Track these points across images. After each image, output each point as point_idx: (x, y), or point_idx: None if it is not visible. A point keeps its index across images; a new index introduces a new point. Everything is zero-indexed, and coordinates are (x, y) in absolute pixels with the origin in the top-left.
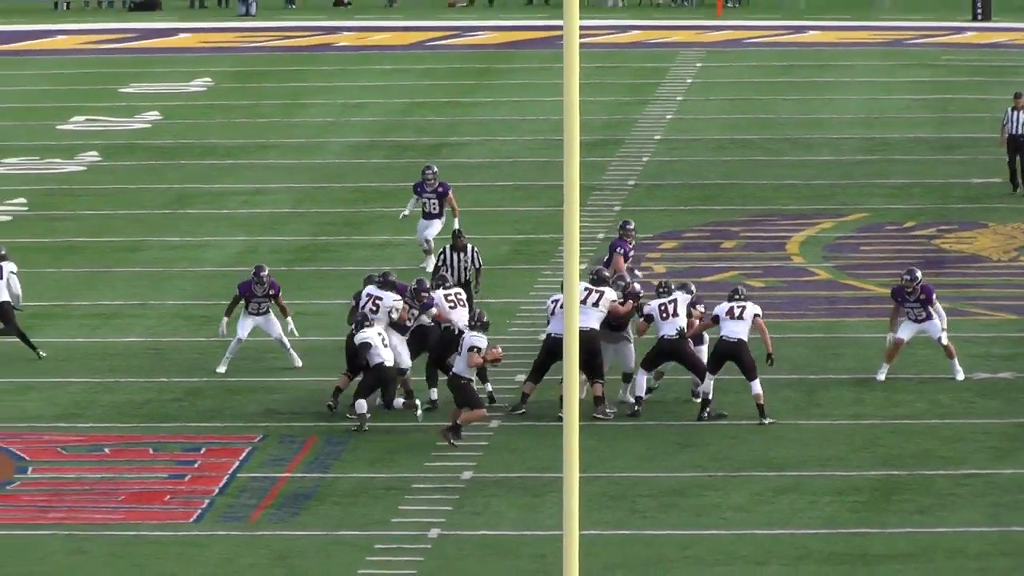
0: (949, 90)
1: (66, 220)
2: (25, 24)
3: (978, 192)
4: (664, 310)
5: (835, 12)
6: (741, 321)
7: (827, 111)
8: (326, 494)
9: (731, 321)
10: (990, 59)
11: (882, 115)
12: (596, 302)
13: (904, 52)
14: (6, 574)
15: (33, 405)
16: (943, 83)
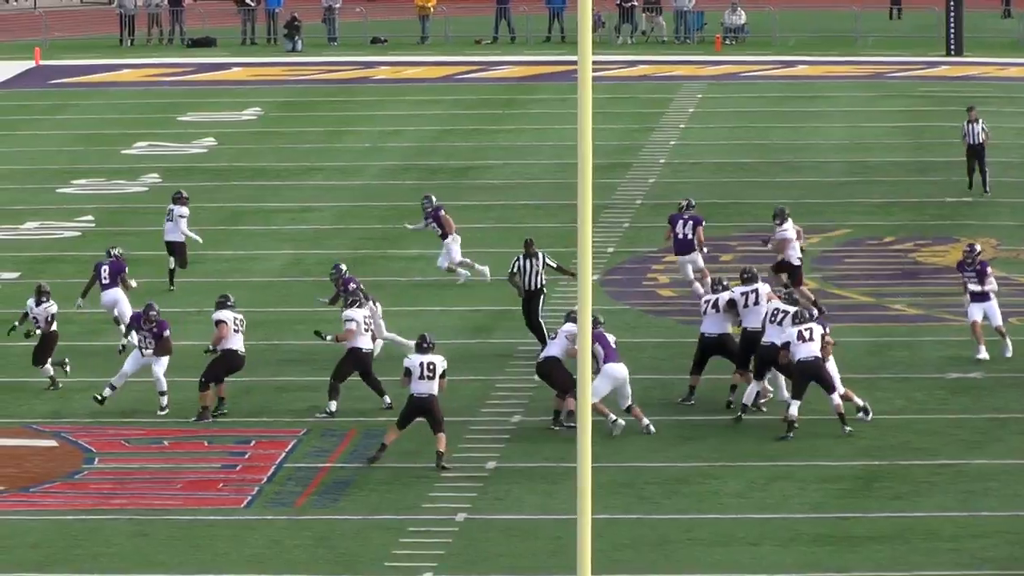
0: (925, 118)
1: (130, 235)
2: (94, 59)
3: (951, 210)
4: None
5: (822, 49)
6: (813, 342)
7: (815, 137)
8: (364, 482)
9: (804, 344)
10: (962, 90)
11: (864, 141)
12: (756, 300)
13: (884, 84)
14: (75, 555)
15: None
16: (919, 112)
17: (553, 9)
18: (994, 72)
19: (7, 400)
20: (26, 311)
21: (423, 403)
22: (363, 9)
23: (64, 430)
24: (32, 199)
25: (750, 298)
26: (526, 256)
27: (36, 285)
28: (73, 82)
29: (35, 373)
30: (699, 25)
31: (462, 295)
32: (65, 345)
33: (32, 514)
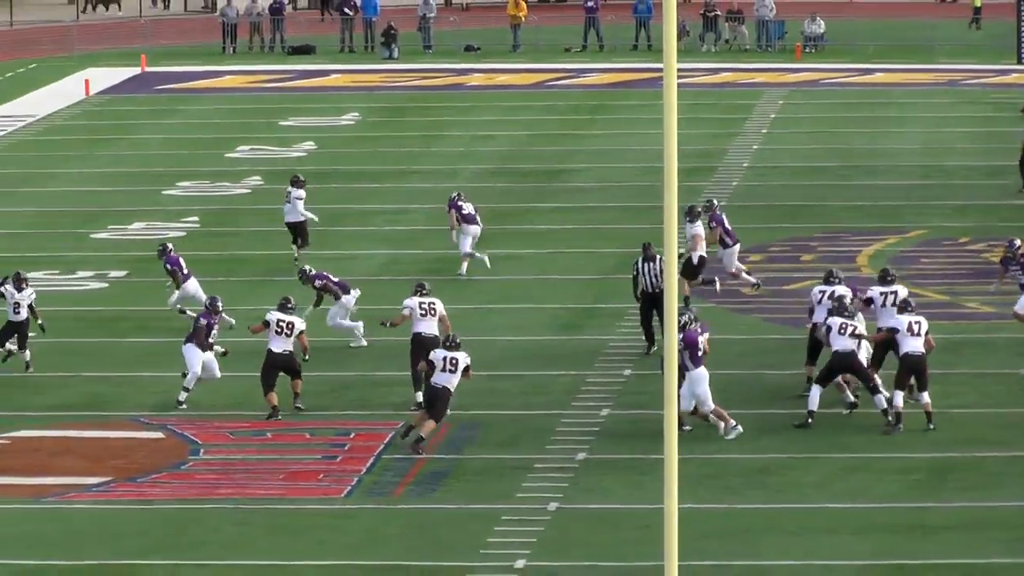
0: (996, 124)
1: (233, 236)
2: (198, 66)
3: (1022, 211)
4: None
5: (899, 57)
6: (920, 337)
7: (891, 142)
8: (460, 473)
9: (911, 337)
10: None
11: (939, 145)
12: (895, 302)
13: (958, 91)
14: (181, 542)
15: (206, 397)
16: (991, 118)
17: (640, 18)
18: None
19: (116, 394)
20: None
21: (437, 392)
22: (457, 18)
23: (171, 423)
24: (139, 201)
25: (888, 299)
26: (644, 259)
27: (15, 272)
28: (178, 88)
29: (144, 368)
30: (780, 34)
31: (552, 294)
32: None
33: (140, 503)
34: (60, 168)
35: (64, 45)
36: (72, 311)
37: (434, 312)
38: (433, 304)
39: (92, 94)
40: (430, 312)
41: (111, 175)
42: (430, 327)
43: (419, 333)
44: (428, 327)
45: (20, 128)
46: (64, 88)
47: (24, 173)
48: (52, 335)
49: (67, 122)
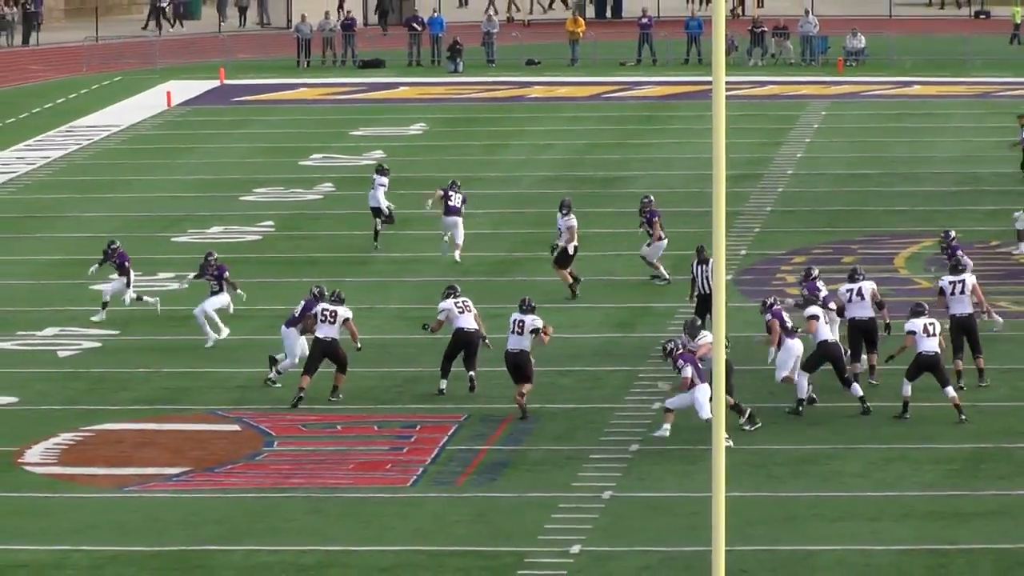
0: None
1: (307, 239)
2: (274, 79)
3: None
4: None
5: (935, 70)
6: (935, 338)
7: (929, 151)
8: (519, 463)
9: (927, 338)
10: None
11: (973, 154)
12: (963, 290)
13: (992, 102)
14: (256, 529)
15: (279, 391)
16: None
17: (691, 34)
18: None
19: (194, 389)
20: None
21: (514, 358)
22: (519, 34)
23: (246, 416)
24: (217, 206)
25: (957, 287)
26: (699, 262)
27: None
28: (254, 99)
29: (220, 364)
30: (823, 49)
31: (607, 294)
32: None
33: (216, 492)
34: (143, 175)
35: (147, 59)
36: (153, 310)
37: (470, 308)
38: (467, 302)
39: (173, 105)
40: (467, 309)
41: (191, 182)
42: (469, 322)
43: (461, 328)
44: (468, 322)
45: (106, 137)
46: (147, 100)
47: (110, 180)
48: (134, 332)
49: (150, 132)
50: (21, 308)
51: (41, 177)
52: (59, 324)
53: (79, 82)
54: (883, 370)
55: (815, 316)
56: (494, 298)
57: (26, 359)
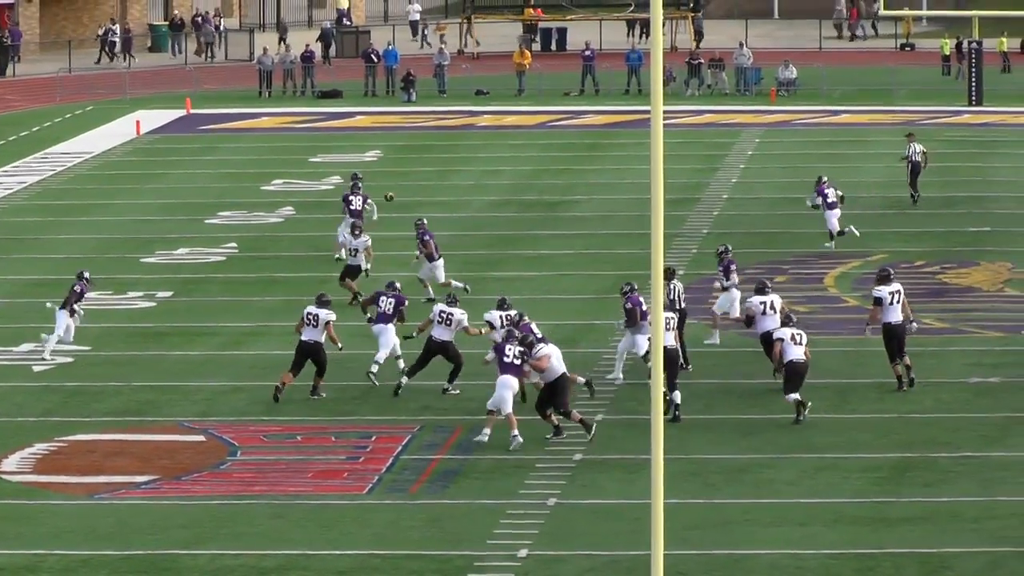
0: (950, 159)
1: (268, 260)
2: (237, 108)
3: (972, 238)
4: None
5: (862, 100)
6: (801, 346)
7: (856, 176)
8: (469, 471)
9: (795, 346)
10: (981, 135)
11: (899, 179)
12: (899, 300)
13: (914, 129)
14: (221, 534)
15: (242, 403)
16: (946, 154)
17: (631, 66)
18: (1009, 119)
19: (162, 402)
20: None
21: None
22: (468, 66)
23: (211, 427)
24: (184, 228)
25: (894, 297)
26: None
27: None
28: (219, 128)
29: (187, 378)
30: (756, 79)
31: (553, 310)
32: (211, 355)
33: (183, 499)
34: (114, 200)
35: (117, 90)
36: (124, 327)
37: (450, 321)
38: (451, 314)
39: (142, 133)
40: (446, 321)
41: (159, 206)
42: (443, 334)
43: (432, 337)
44: (442, 334)
45: (77, 164)
46: (117, 128)
47: (83, 204)
48: (105, 348)
49: (120, 158)
50: None
51: (18, 201)
52: (34, 340)
53: (53, 111)
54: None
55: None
56: None
57: (3, 373)
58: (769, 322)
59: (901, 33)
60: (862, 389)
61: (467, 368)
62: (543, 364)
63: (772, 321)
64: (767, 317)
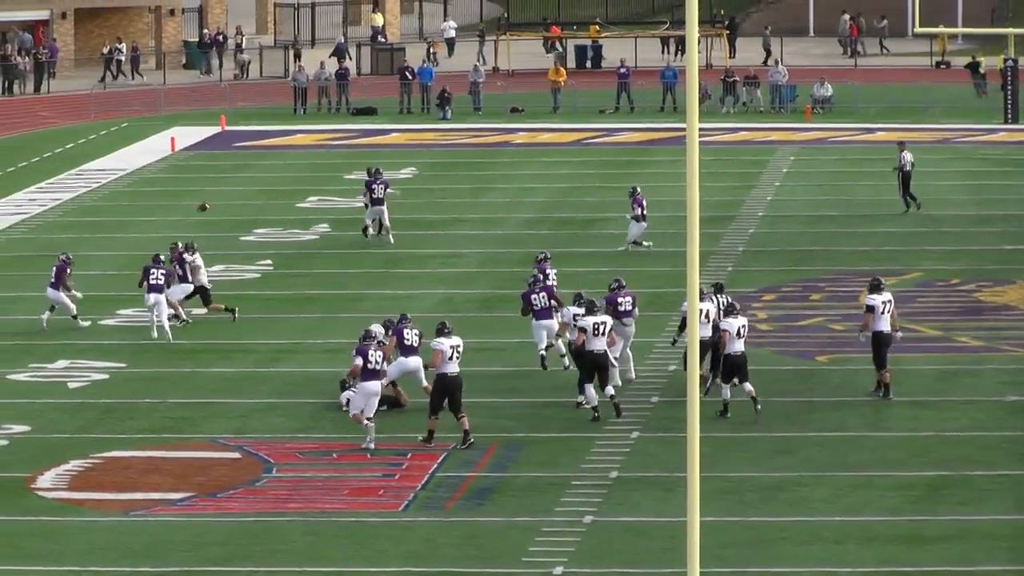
0: (985, 177)
1: (303, 277)
2: (272, 126)
3: (1008, 256)
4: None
5: (897, 117)
6: (603, 338)
7: (891, 193)
8: (505, 489)
9: (739, 340)
10: (1017, 153)
11: (934, 196)
12: (890, 309)
13: (950, 148)
14: (256, 551)
15: (278, 421)
16: (981, 172)
17: (666, 83)
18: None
19: (197, 419)
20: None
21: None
22: (503, 83)
23: (246, 444)
24: (219, 245)
25: (886, 307)
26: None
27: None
28: (253, 145)
29: (222, 395)
30: (792, 97)
31: None
32: (247, 372)
33: (218, 516)
34: (149, 216)
35: (152, 107)
36: (159, 344)
37: (459, 355)
38: (459, 347)
39: (177, 150)
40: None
41: (194, 223)
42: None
43: (445, 374)
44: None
45: (112, 180)
46: (152, 145)
47: (117, 221)
48: (141, 365)
49: (155, 175)
50: (34, 341)
51: (53, 218)
52: (70, 357)
53: (88, 128)
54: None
55: (583, 328)
56: (481, 333)
57: (39, 390)
58: (705, 331)
59: (936, 51)
60: (897, 407)
61: (503, 384)
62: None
63: (706, 330)
64: (704, 326)
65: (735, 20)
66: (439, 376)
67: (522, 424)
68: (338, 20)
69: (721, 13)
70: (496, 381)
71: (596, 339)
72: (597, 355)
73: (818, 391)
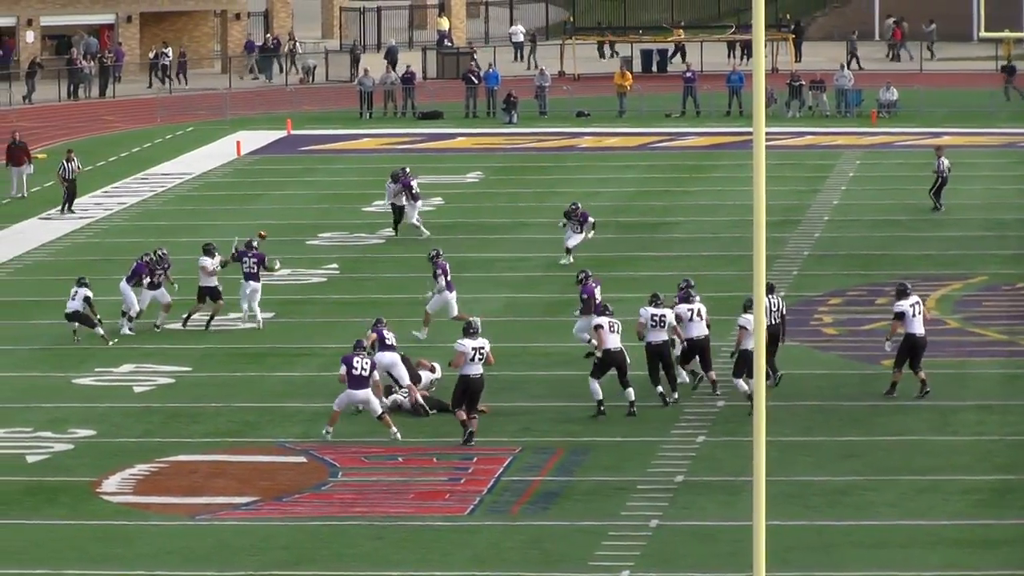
0: None
1: (369, 281)
2: (338, 130)
3: None
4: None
5: (964, 122)
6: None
7: (957, 197)
8: (570, 493)
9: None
10: None
11: (999, 200)
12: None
13: (1016, 152)
14: (322, 555)
15: (343, 425)
16: None
17: (732, 87)
18: None
19: (262, 423)
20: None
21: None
22: (569, 87)
23: (312, 448)
24: (284, 250)
25: (916, 309)
26: None
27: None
28: (319, 149)
29: (288, 399)
30: (857, 101)
31: None
32: (312, 376)
33: (284, 520)
34: (213, 221)
35: (218, 111)
36: (225, 348)
37: (482, 356)
38: (483, 348)
39: (243, 154)
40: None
41: (259, 227)
42: (477, 370)
43: (467, 375)
44: (476, 370)
45: (178, 184)
46: (218, 149)
47: (181, 225)
48: (206, 369)
49: (220, 179)
50: (100, 346)
51: (118, 222)
52: (135, 361)
53: (153, 132)
54: None
55: (600, 325)
56: (548, 337)
57: (104, 394)
58: (656, 335)
59: (1002, 55)
60: (963, 411)
61: (569, 388)
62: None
63: (657, 335)
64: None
65: (800, 24)
66: (462, 377)
67: (588, 428)
68: (404, 24)
69: (787, 17)
70: (561, 385)
71: (613, 335)
72: (614, 353)
73: (883, 395)
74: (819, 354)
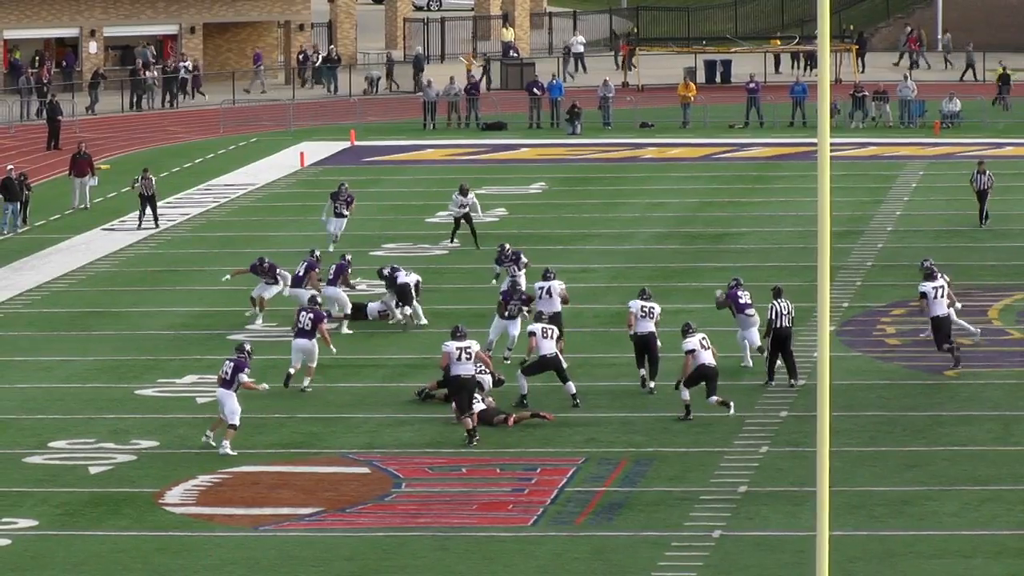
0: None
1: (433, 292)
2: (402, 140)
3: None
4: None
5: None
6: (708, 350)
7: (1020, 208)
8: (634, 503)
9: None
10: None
11: None
12: (944, 294)
13: None
14: (386, 566)
15: (407, 436)
16: None
17: (796, 98)
18: None
19: (326, 434)
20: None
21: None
22: (633, 98)
23: (375, 459)
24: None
25: (939, 291)
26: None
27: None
28: (383, 160)
29: (352, 410)
30: (920, 112)
31: (716, 342)
32: (375, 387)
33: (348, 531)
34: (278, 231)
35: (282, 121)
36: (288, 360)
37: (470, 356)
38: (469, 348)
39: (306, 165)
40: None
41: (323, 237)
42: (468, 369)
43: (457, 375)
44: (466, 369)
45: (242, 195)
46: (281, 160)
47: (246, 236)
48: (269, 380)
49: (284, 190)
50: (162, 357)
51: (181, 232)
52: (198, 372)
53: (217, 143)
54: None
55: (533, 332)
56: (609, 347)
57: (167, 405)
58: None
59: None
60: None
61: (632, 400)
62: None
63: (645, 325)
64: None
65: (864, 35)
66: (453, 377)
67: (651, 439)
68: (468, 35)
69: (850, 28)
70: (625, 396)
71: (546, 341)
72: (549, 358)
73: (946, 406)
74: (882, 364)
